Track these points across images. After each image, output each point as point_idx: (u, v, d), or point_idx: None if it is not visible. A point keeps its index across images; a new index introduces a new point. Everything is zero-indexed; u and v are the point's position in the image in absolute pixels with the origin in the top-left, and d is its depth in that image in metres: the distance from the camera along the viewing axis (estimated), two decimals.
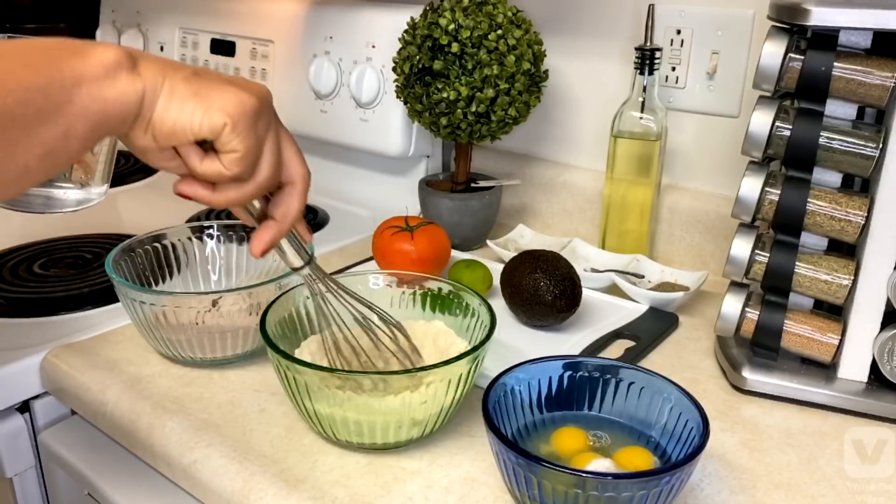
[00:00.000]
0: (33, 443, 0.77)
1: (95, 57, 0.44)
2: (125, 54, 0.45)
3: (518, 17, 0.91)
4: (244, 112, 0.48)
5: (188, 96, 0.46)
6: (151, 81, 0.46)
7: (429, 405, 0.57)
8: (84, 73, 0.43)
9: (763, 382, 0.68)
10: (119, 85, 0.44)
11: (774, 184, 0.66)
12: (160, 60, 0.47)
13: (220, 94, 0.47)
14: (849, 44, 0.63)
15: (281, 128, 0.53)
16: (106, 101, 0.44)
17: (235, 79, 0.50)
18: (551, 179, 1.07)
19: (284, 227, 0.56)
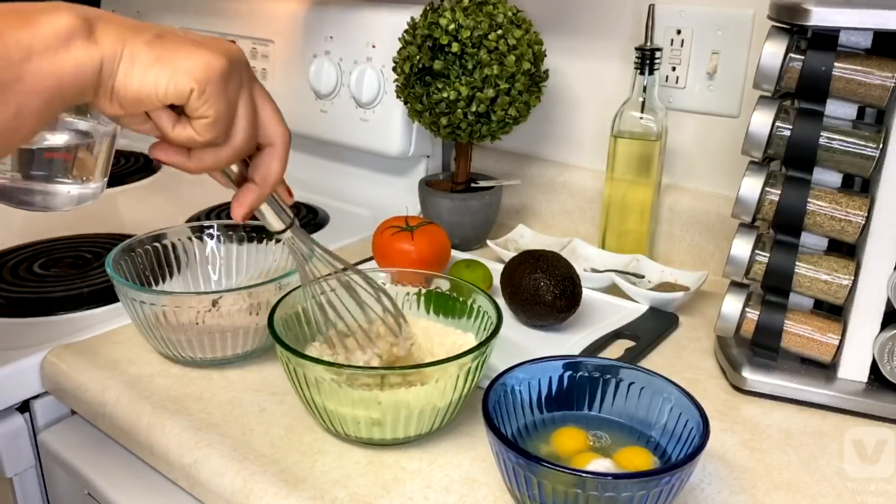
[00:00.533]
0: (33, 443, 0.77)
1: (46, 24, 0.40)
2: (79, 18, 0.41)
3: (518, 17, 0.91)
4: (212, 75, 0.45)
5: (151, 61, 0.44)
6: (110, 48, 0.42)
7: (435, 400, 0.57)
8: (33, 44, 0.39)
9: (763, 382, 0.68)
10: (74, 54, 0.41)
11: (774, 184, 0.66)
12: (119, 22, 0.44)
13: (185, 57, 0.44)
14: (849, 44, 0.63)
15: (256, 87, 0.50)
16: (60, 74, 0.41)
17: (203, 39, 0.47)
18: (551, 179, 1.07)
19: (265, 191, 0.54)
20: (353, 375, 0.56)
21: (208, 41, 0.47)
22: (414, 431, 0.59)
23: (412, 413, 0.57)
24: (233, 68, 0.47)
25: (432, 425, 0.60)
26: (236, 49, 0.48)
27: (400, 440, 0.60)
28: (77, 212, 0.70)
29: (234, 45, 0.48)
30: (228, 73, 0.46)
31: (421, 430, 0.59)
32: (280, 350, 0.59)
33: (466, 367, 0.58)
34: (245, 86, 0.49)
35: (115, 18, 0.44)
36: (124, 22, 0.44)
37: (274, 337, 0.59)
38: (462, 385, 0.59)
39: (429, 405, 0.58)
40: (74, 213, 0.72)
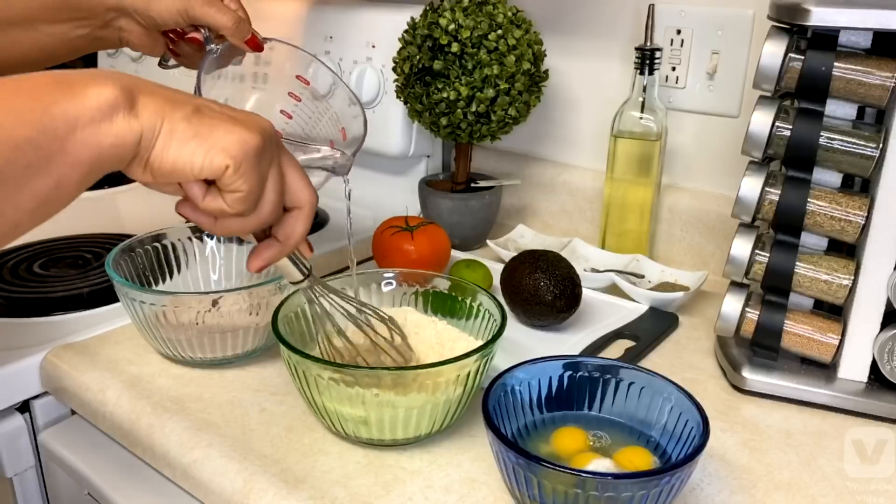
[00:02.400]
0: (33, 443, 0.77)
1: (90, 97, 0.41)
2: (122, 91, 0.42)
3: (518, 17, 0.91)
4: (246, 153, 0.46)
5: (188, 137, 0.45)
6: (150, 122, 0.43)
7: (439, 402, 0.57)
8: (78, 117, 0.40)
9: (763, 382, 0.68)
10: (115, 128, 0.42)
11: (774, 184, 0.66)
12: (160, 94, 0.45)
13: (222, 135, 0.45)
14: (849, 44, 0.63)
15: (285, 157, 0.51)
16: (101, 146, 0.41)
17: (238, 114, 0.48)
18: (551, 179, 1.07)
19: (287, 250, 0.55)
20: (354, 375, 0.56)
21: (243, 117, 0.48)
22: (413, 433, 0.59)
23: (397, 414, 0.57)
24: (265, 145, 0.48)
25: (432, 427, 0.60)
26: (268, 124, 0.49)
27: (399, 441, 0.60)
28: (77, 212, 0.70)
29: (265, 120, 0.49)
30: (262, 150, 0.47)
31: (420, 431, 0.59)
32: (284, 350, 0.58)
33: (469, 368, 0.58)
34: (275, 159, 0.50)
35: (156, 90, 0.45)
36: (164, 94, 0.45)
37: (277, 337, 0.59)
38: (465, 387, 0.59)
39: (416, 407, 0.57)
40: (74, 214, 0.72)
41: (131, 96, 0.42)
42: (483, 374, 0.60)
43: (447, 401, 0.58)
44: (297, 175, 0.52)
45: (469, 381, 0.58)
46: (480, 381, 0.60)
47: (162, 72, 0.81)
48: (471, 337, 0.67)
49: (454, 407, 0.59)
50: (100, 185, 1.21)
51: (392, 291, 0.72)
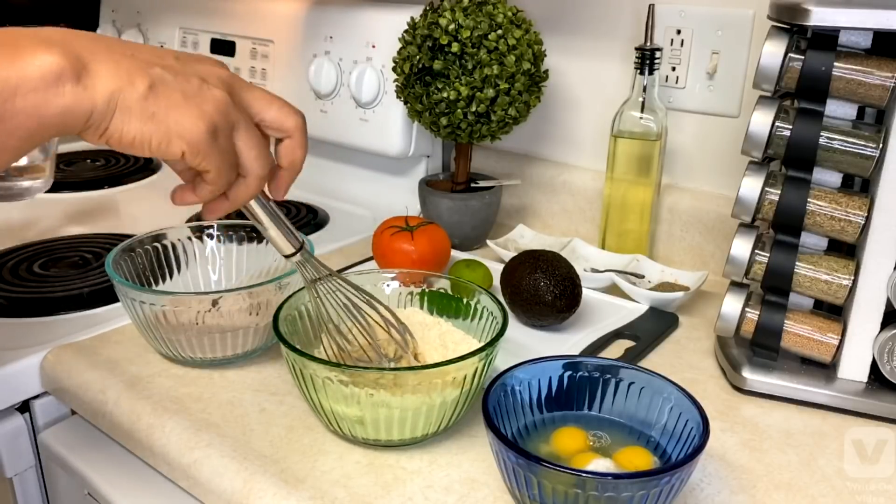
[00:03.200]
0: (33, 443, 0.77)
1: (34, 64, 0.38)
2: (69, 58, 0.40)
3: (518, 17, 0.91)
4: (200, 135, 0.46)
5: (145, 118, 0.44)
6: (102, 97, 0.41)
7: (435, 403, 0.57)
8: (19, 84, 0.38)
9: (763, 382, 0.68)
10: (62, 100, 0.40)
11: (774, 184, 0.66)
12: (113, 63, 0.42)
13: (176, 118, 0.45)
14: (849, 44, 0.63)
15: (250, 96, 0.50)
16: (43, 115, 0.40)
17: (192, 86, 0.45)
18: (551, 179, 1.07)
19: (295, 174, 0.55)
20: (350, 375, 0.56)
21: (196, 89, 0.46)
22: (409, 434, 0.59)
23: (393, 414, 0.57)
24: (219, 119, 0.47)
25: (429, 428, 0.59)
26: (222, 94, 0.47)
27: (395, 442, 0.59)
28: (77, 212, 0.71)
29: (222, 84, 0.47)
30: (215, 128, 0.47)
31: (416, 432, 0.59)
32: (284, 348, 0.58)
33: (464, 372, 0.57)
34: (237, 121, 0.49)
35: (109, 56, 0.42)
36: (118, 62, 0.43)
37: (277, 335, 0.59)
38: (458, 390, 0.58)
39: (411, 409, 0.57)
40: (75, 214, 0.72)
41: (80, 65, 0.40)
42: (483, 376, 0.60)
43: (443, 403, 0.58)
44: (274, 107, 0.51)
45: (467, 383, 0.58)
46: (481, 382, 0.60)
47: None
48: (475, 339, 0.67)
49: (452, 409, 0.59)
50: (100, 186, 1.21)
51: (393, 292, 0.71)
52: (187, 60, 0.47)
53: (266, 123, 0.52)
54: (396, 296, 0.71)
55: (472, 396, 0.60)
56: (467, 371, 0.57)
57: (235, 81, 0.49)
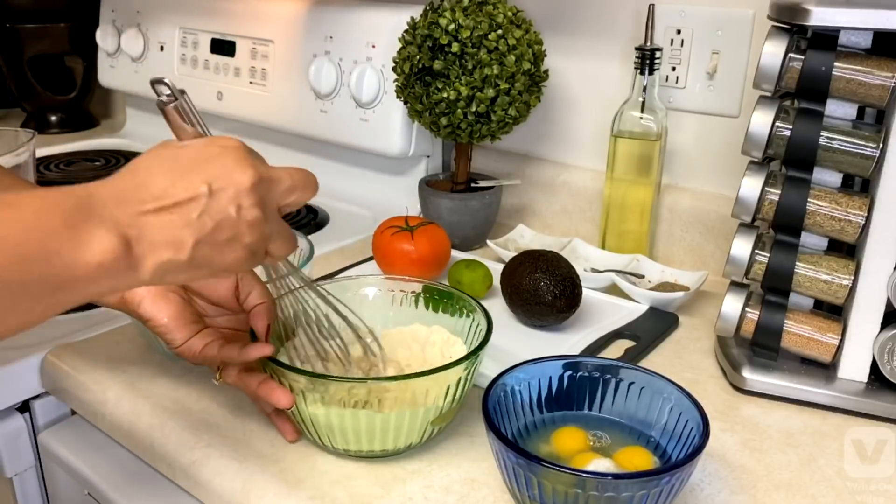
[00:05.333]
0: (33, 443, 0.77)
1: (93, 251, 0.40)
2: (123, 245, 0.42)
3: (518, 17, 0.91)
4: (243, 264, 0.48)
5: (192, 270, 0.46)
6: (151, 273, 0.44)
7: (424, 412, 0.56)
8: (77, 270, 0.40)
9: (763, 382, 0.68)
10: (113, 282, 0.42)
11: (774, 184, 0.66)
12: (159, 231, 0.44)
13: (221, 260, 0.47)
14: (849, 44, 0.63)
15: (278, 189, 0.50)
16: (93, 294, 0.42)
17: (234, 213, 0.46)
18: (551, 179, 1.07)
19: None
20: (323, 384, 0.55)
21: (235, 225, 0.46)
22: (392, 445, 0.57)
23: (398, 427, 0.56)
24: (259, 245, 0.49)
25: (422, 437, 0.58)
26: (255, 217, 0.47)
27: (389, 452, 0.58)
28: None
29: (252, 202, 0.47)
30: (254, 253, 0.49)
31: (410, 442, 0.58)
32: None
33: (456, 377, 0.56)
34: (271, 233, 0.50)
35: (155, 223, 0.43)
36: (162, 228, 0.44)
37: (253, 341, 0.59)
38: (452, 396, 0.57)
39: (418, 417, 0.56)
40: None
41: (129, 248, 0.42)
42: (466, 387, 0.59)
43: (435, 410, 0.56)
44: (278, 246, 0.52)
45: (448, 395, 0.57)
46: (464, 392, 0.59)
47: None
48: (448, 333, 0.66)
49: (442, 416, 0.58)
50: None
51: (375, 297, 0.69)
52: (218, 179, 0.46)
53: (286, 208, 0.52)
54: (389, 298, 0.70)
55: (458, 403, 0.59)
56: (446, 384, 0.56)
57: (260, 182, 0.48)
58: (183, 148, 0.47)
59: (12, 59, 1.51)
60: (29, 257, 0.38)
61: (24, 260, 0.38)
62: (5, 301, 0.38)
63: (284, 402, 0.56)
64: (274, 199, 0.50)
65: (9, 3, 1.46)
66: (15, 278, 0.38)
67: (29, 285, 0.38)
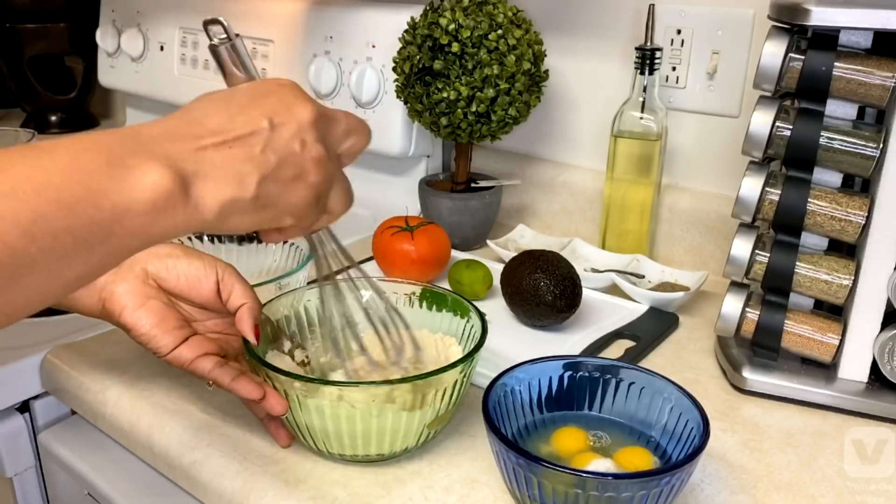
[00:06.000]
0: (33, 443, 0.77)
1: (143, 187, 0.37)
2: (177, 179, 0.38)
3: (518, 17, 0.91)
4: (308, 207, 0.46)
5: (258, 210, 0.43)
6: (213, 211, 0.40)
7: (411, 418, 0.56)
8: (128, 209, 0.36)
9: (763, 382, 0.68)
10: (170, 221, 0.38)
11: (775, 184, 0.66)
12: (219, 168, 0.41)
13: (287, 200, 0.44)
14: (849, 44, 0.63)
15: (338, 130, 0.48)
16: (152, 236, 0.38)
17: (298, 148, 0.44)
18: (551, 179, 1.07)
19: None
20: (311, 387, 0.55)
21: (300, 161, 0.44)
22: (388, 449, 0.57)
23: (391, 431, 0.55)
24: (324, 186, 0.46)
25: (418, 440, 0.58)
26: (319, 154, 0.46)
27: (386, 456, 0.58)
28: None
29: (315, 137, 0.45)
30: (319, 195, 0.46)
31: (406, 445, 0.57)
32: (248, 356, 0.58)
33: (452, 380, 0.56)
34: (334, 174, 0.48)
35: (213, 168, 0.40)
36: (223, 165, 0.41)
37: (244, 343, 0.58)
38: (448, 398, 0.57)
39: (413, 421, 0.55)
40: None
41: (187, 182, 0.39)
42: (463, 389, 0.58)
43: (433, 412, 0.56)
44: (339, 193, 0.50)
45: (444, 397, 0.57)
46: (461, 395, 0.59)
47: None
48: (446, 336, 0.65)
49: (439, 419, 0.58)
50: None
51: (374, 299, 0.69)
52: (278, 113, 0.44)
53: (344, 153, 0.50)
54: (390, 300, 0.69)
55: (454, 405, 0.59)
56: (442, 386, 0.56)
57: (321, 118, 0.47)
58: (237, 89, 0.46)
59: (12, 59, 1.51)
60: (73, 202, 0.35)
61: (68, 205, 0.35)
62: (58, 252, 0.35)
63: (278, 409, 0.56)
64: (334, 139, 0.48)
65: (9, 3, 1.45)
66: (62, 226, 0.34)
67: (79, 232, 0.35)
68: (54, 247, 0.34)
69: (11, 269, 0.33)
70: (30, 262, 0.34)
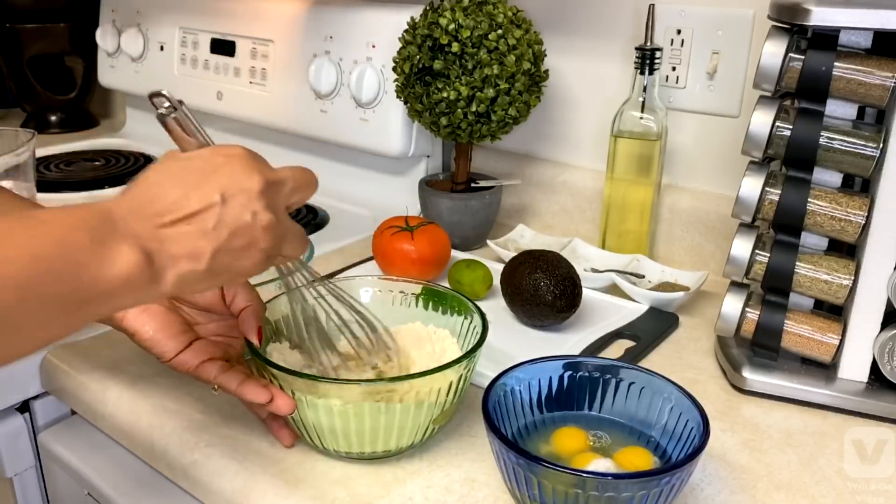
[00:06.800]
0: (33, 443, 0.77)
1: (118, 266, 0.41)
2: (145, 259, 0.42)
3: (518, 17, 0.91)
4: (259, 268, 0.49)
5: (211, 278, 0.47)
6: (172, 284, 0.44)
7: (418, 414, 0.56)
8: (103, 285, 0.41)
9: (763, 382, 0.68)
10: (138, 295, 0.43)
11: (775, 184, 0.66)
12: (178, 244, 0.44)
13: (238, 266, 0.48)
14: (849, 43, 0.63)
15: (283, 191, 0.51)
16: (119, 306, 0.44)
17: (250, 220, 0.47)
18: (551, 179, 1.07)
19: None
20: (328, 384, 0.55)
21: (250, 230, 0.47)
22: (382, 447, 0.57)
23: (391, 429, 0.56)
24: (274, 248, 0.49)
25: (414, 439, 0.58)
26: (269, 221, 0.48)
27: (378, 454, 0.58)
28: None
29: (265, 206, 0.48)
30: (269, 256, 0.49)
31: (401, 444, 0.58)
32: (251, 355, 0.58)
33: (449, 380, 0.56)
34: (284, 235, 0.50)
35: (175, 236, 0.44)
36: (181, 240, 0.45)
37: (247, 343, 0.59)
38: (446, 397, 0.57)
39: (411, 419, 0.56)
40: None
41: (150, 261, 0.43)
42: (466, 383, 0.59)
43: (429, 412, 0.56)
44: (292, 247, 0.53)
45: (451, 391, 0.57)
46: (465, 388, 0.59)
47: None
48: (445, 331, 0.65)
49: (438, 417, 0.58)
50: (100, 186, 1.21)
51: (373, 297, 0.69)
52: (229, 187, 0.47)
53: (292, 207, 0.53)
54: (388, 297, 0.70)
55: (454, 404, 0.59)
56: (437, 385, 0.56)
57: (268, 186, 0.49)
58: (189, 159, 0.48)
59: (12, 59, 1.51)
60: (62, 272, 0.39)
61: (57, 274, 0.39)
62: (41, 315, 0.39)
63: (286, 410, 0.56)
64: (281, 200, 0.50)
65: (9, 3, 1.45)
66: (50, 292, 0.39)
67: (61, 298, 0.40)
68: (39, 309, 0.39)
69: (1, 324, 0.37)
70: (16, 320, 0.38)
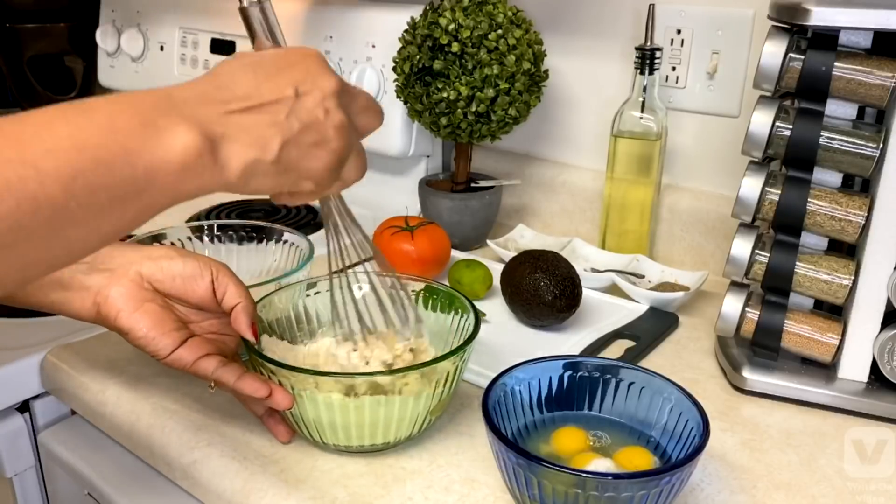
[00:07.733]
0: (33, 443, 0.77)
1: (175, 147, 0.39)
2: (205, 141, 0.40)
3: (518, 17, 0.91)
4: (328, 173, 0.47)
5: (279, 174, 0.44)
6: (237, 172, 0.42)
7: (416, 405, 0.56)
8: (160, 168, 0.38)
9: (763, 382, 0.68)
10: (198, 180, 0.40)
11: (774, 184, 0.66)
12: (245, 131, 0.42)
13: (307, 165, 0.45)
14: (849, 44, 0.63)
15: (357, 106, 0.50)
16: (181, 192, 0.40)
17: (322, 116, 0.45)
18: (551, 179, 1.07)
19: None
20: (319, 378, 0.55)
21: (322, 128, 0.46)
22: (381, 439, 0.57)
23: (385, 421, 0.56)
24: (344, 153, 0.47)
25: (411, 431, 0.58)
26: (341, 122, 0.47)
27: (379, 446, 0.58)
28: None
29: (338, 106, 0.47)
30: (339, 162, 0.47)
31: (399, 436, 0.58)
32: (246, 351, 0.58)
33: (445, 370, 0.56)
34: (354, 144, 0.49)
35: (239, 130, 0.42)
36: (248, 127, 0.42)
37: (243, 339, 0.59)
38: (440, 390, 0.57)
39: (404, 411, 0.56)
40: None
41: (214, 144, 0.41)
42: (453, 384, 0.59)
43: (422, 404, 0.57)
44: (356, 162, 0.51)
45: (440, 385, 0.57)
46: (452, 388, 0.59)
47: None
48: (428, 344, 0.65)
49: (430, 410, 0.58)
50: None
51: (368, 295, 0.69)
52: (304, 83, 0.45)
53: (360, 128, 0.51)
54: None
55: (446, 399, 0.59)
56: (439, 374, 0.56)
57: (343, 89, 0.48)
58: (262, 56, 0.46)
59: (12, 59, 1.51)
60: (110, 160, 0.37)
61: (105, 163, 0.37)
62: (94, 207, 0.37)
63: (284, 404, 0.56)
64: (353, 112, 0.49)
65: (9, 3, 1.45)
66: (99, 183, 0.36)
67: (114, 189, 0.37)
68: (91, 202, 0.36)
69: (53, 221, 0.35)
70: (70, 215, 0.36)
